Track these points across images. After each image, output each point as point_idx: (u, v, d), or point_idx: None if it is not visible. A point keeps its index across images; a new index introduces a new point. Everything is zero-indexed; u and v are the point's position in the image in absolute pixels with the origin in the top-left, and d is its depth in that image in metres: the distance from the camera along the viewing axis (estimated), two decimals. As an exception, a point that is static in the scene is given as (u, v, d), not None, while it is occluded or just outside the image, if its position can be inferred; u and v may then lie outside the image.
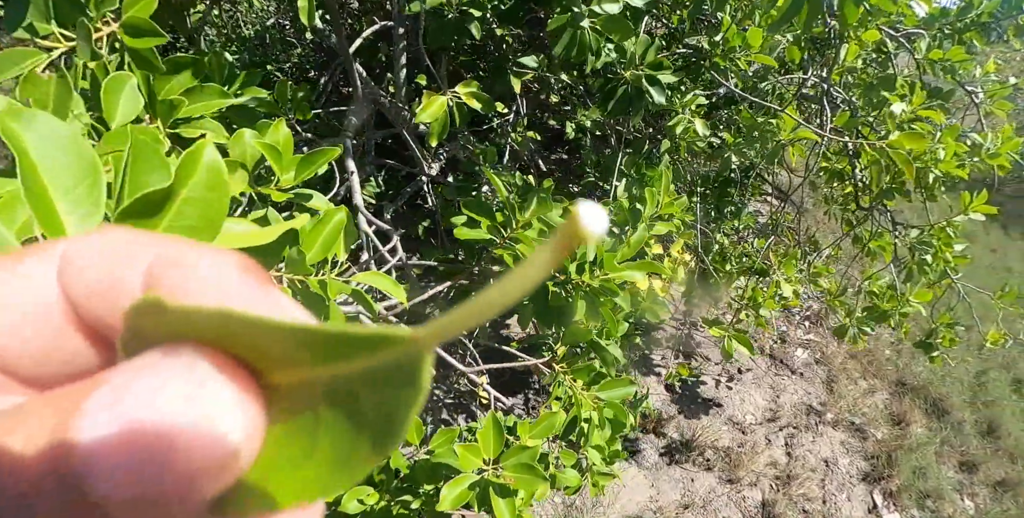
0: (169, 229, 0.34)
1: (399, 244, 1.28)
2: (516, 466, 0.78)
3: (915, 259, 2.11)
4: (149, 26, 0.74)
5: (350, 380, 0.11)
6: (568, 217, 0.09)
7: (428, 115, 1.32)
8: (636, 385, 1.09)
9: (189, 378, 0.11)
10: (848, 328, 2.07)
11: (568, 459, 1.30)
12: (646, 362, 2.83)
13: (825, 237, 3.00)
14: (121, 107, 0.71)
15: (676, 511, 2.23)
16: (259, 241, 0.47)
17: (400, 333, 0.10)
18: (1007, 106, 2.31)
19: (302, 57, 2.98)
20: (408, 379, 0.10)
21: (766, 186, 2.76)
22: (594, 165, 1.98)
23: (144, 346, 0.12)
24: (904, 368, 3.40)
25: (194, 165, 0.34)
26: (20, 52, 0.75)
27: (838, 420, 2.90)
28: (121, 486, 0.10)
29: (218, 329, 0.11)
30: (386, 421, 0.10)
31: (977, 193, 1.90)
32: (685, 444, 2.49)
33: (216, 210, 0.35)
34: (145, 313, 0.11)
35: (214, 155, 0.36)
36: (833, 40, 1.99)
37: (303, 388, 0.11)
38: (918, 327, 3.08)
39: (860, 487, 2.64)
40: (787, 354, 3.18)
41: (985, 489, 2.91)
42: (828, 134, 1.71)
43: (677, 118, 1.64)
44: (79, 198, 0.32)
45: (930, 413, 3.19)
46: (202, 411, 0.11)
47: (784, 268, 1.74)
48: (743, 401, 2.82)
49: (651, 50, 1.35)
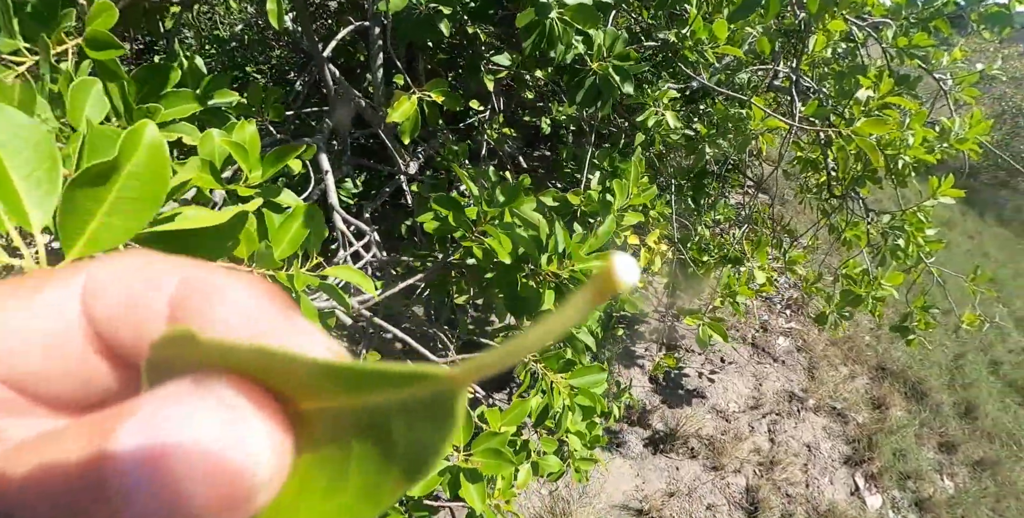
0: (116, 200, 0.36)
1: (374, 241, 1.29)
2: (485, 452, 0.79)
3: (888, 244, 2.15)
4: (109, 39, 0.77)
5: (382, 412, 0.11)
6: (603, 266, 0.09)
7: (399, 115, 1.33)
8: (607, 372, 1.11)
9: (219, 408, 0.11)
10: (828, 315, 2.10)
11: (549, 446, 1.32)
12: (629, 355, 2.86)
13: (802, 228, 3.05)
14: (88, 110, 0.73)
15: (662, 499, 2.26)
16: (211, 222, 0.48)
17: (436, 371, 0.10)
18: (975, 92, 2.35)
19: (280, 59, 2.97)
20: (442, 414, 0.10)
21: (743, 178, 2.80)
22: (570, 158, 2.00)
23: (170, 373, 0.12)
24: (884, 353, 3.47)
25: (137, 142, 0.37)
26: None
27: (820, 406, 2.95)
28: (148, 514, 0.10)
29: (249, 360, 0.11)
30: (418, 453, 0.10)
31: (945, 177, 1.95)
32: (669, 434, 2.52)
33: (158, 184, 0.38)
34: (175, 343, 0.11)
35: (155, 134, 0.39)
36: (803, 32, 2.03)
37: (334, 417, 0.11)
38: (896, 312, 3.14)
39: (842, 470, 2.69)
40: (769, 343, 3.23)
41: (964, 469, 2.98)
42: (797, 123, 1.74)
43: (648, 111, 1.67)
44: (39, 179, 0.35)
45: (909, 396, 3.25)
46: (231, 441, 0.11)
47: (757, 256, 1.77)
48: (726, 390, 2.86)
49: (619, 42, 1.37)
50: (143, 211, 0.37)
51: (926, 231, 2.20)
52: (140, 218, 0.37)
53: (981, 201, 6.63)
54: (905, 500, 2.68)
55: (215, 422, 0.11)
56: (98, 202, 0.35)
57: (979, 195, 6.67)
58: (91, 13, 0.75)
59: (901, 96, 1.90)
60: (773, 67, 2.17)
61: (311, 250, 0.91)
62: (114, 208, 0.36)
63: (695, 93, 2.36)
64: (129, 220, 0.36)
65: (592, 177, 1.55)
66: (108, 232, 0.36)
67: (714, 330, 1.57)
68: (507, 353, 0.09)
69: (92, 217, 0.35)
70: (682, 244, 2.02)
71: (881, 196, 3.88)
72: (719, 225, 2.79)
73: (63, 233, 0.35)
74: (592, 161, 1.65)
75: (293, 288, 0.78)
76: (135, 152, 0.37)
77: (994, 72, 2.33)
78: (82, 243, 0.35)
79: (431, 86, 1.35)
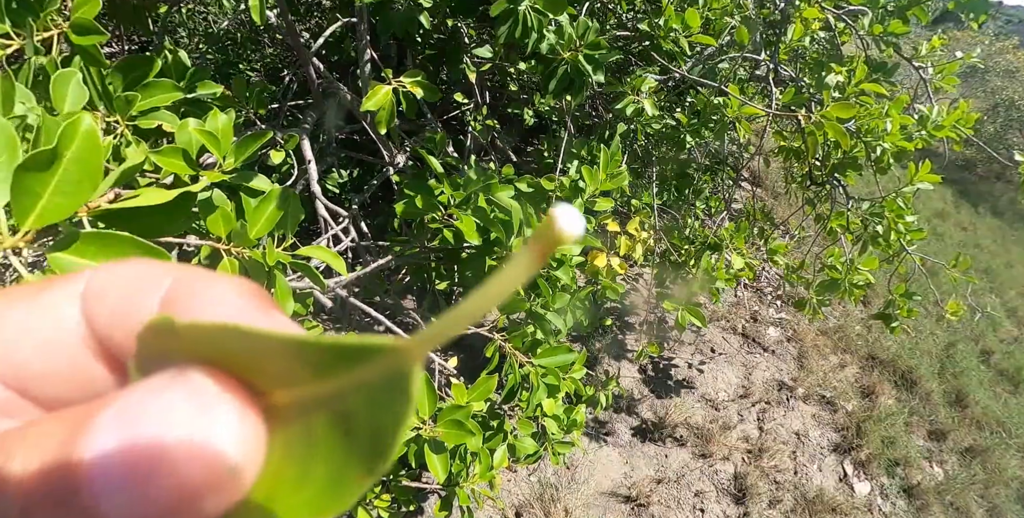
0: (60, 183, 0.43)
1: (351, 225, 1.32)
2: (447, 422, 0.82)
3: (868, 231, 2.17)
4: (93, 26, 0.81)
5: (345, 398, 0.11)
6: (545, 220, 0.09)
7: (373, 104, 1.36)
8: (578, 354, 1.14)
9: (195, 399, 0.11)
10: (807, 301, 2.13)
11: (525, 429, 1.35)
12: (619, 345, 2.89)
13: (795, 219, 3.07)
14: (69, 98, 0.78)
15: (650, 486, 2.29)
16: (159, 200, 0.52)
17: (387, 342, 0.10)
18: (955, 81, 2.37)
19: (273, 56, 3.00)
20: (398, 391, 0.10)
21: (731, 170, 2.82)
22: (552, 149, 2.03)
23: (154, 367, 0.12)
24: (874, 343, 3.49)
25: (74, 132, 0.42)
26: None
27: (809, 394, 2.98)
28: (122, 505, 0.10)
29: (222, 344, 0.11)
30: (378, 440, 0.10)
31: (922, 162, 1.97)
32: (658, 423, 2.55)
33: (93, 167, 0.44)
34: (156, 332, 0.12)
35: (90, 124, 0.45)
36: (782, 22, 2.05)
37: (302, 408, 0.11)
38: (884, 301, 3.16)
39: (831, 458, 2.71)
40: (759, 333, 3.25)
41: (954, 456, 3.00)
42: (774, 111, 1.76)
43: (626, 99, 1.69)
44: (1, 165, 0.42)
45: (899, 385, 3.28)
46: (206, 431, 0.11)
47: (735, 241, 1.79)
48: (716, 379, 2.89)
49: (590, 32, 1.39)
50: (83, 192, 0.42)
51: (906, 218, 2.22)
52: (80, 197, 0.42)
53: (976, 192, 6.63)
54: (894, 487, 2.71)
55: (189, 413, 0.11)
56: (44, 184, 0.41)
57: (974, 187, 6.68)
58: (76, 1, 0.79)
59: (878, 83, 1.92)
60: (751, 56, 2.19)
61: (288, 232, 0.95)
62: (58, 189, 0.41)
63: (679, 84, 2.39)
64: (71, 198, 0.42)
65: (571, 166, 1.58)
66: (54, 209, 0.41)
67: (692, 315, 1.60)
68: (457, 318, 0.09)
69: (39, 197, 0.41)
70: (665, 233, 2.05)
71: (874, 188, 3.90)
72: (711, 217, 2.82)
73: (16, 210, 0.41)
74: (570, 150, 1.68)
75: (265, 263, 0.82)
76: (73, 140, 0.42)
77: (973, 61, 2.34)
78: (32, 218, 0.41)
79: (407, 76, 1.38)
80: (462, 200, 1.06)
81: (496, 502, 1.23)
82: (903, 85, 2.62)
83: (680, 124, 2.09)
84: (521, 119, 2.53)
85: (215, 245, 0.86)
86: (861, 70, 1.86)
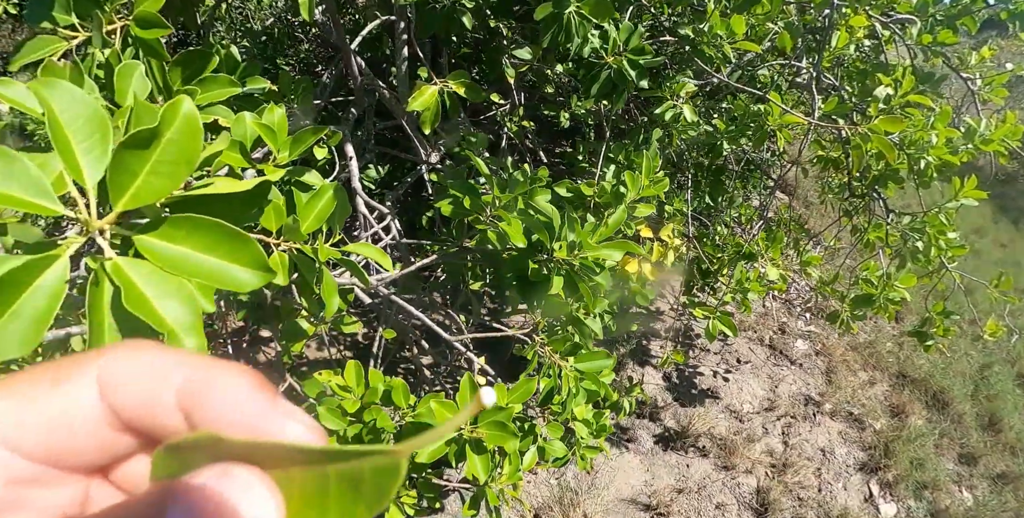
0: (157, 162, 0.42)
1: (392, 223, 1.33)
2: (490, 424, 0.82)
3: (908, 246, 2.12)
4: (156, 19, 0.83)
5: (357, 468, 0.15)
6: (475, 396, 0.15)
7: (419, 104, 1.37)
8: (612, 358, 1.13)
9: (248, 494, 0.15)
10: (841, 313, 2.09)
11: (555, 432, 1.35)
12: (644, 351, 2.86)
13: (829, 231, 3.01)
14: (131, 90, 0.80)
15: (671, 496, 2.26)
16: (237, 189, 0.53)
17: (383, 449, 0.15)
18: (1004, 93, 2.31)
19: (308, 52, 3.05)
20: (393, 472, 0.15)
21: (766, 178, 2.78)
22: (587, 153, 2.02)
23: (192, 460, 0.16)
24: (905, 360, 3.40)
25: (175, 113, 0.42)
26: (43, 40, 0.84)
27: (836, 410, 2.91)
28: None
29: (251, 452, 0.16)
30: (379, 490, 0.15)
31: (968, 178, 1.91)
32: (681, 431, 2.52)
33: (190, 150, 0.43)
34: (198, 442, 0.16)
35: (191, 107, 0.45)
36: (827, 29, 2.02)
37: (314, 477, 0.16)
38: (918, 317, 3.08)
39: (857, 477, 2.65)
40: (787, 345, 3.20)
41: (984, 482, 2.91)
42: (816, 120, 1.73)
43: (665, 104, 1.68)
44: (93, 145, 0.42)
45: (930, 405, 3.19)
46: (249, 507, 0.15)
47: (771, 251, 1.77)
48: (741, 390, 2.85)
49: (635, 36, 1.39)
50: (178, 173, 0.42)
51: (948, 234, 2.16)
52: (175, 179, 0.42)
53: (1016, 208, 6.42)
54: (920, 510, 2.63)
55: (246, 507, 0.15)
56: (142, 163, 0.41)
57: (1014, 202, 6.46)
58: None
59: (925, 95, 1.88)
60: (793, 63, 2.16)
61: (335, 227, 0.96)
62: (154, 169, 0.41)
63: (716, 90, 2.36)
64: (166, 180, 0.42)
65: (607, 170, 1.58)
66: (148, 189, 0.41)
67: (723, 324, 1.57)
68: (425, 440, 0.14)
69: (136, 176, 0.41)
70: (698, 240, 2.02)
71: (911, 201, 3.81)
72: (740, 225, 2.78)
73: (112, 188, 0.40)
74: (607, 154, 1.67)
75: (318, 260, 0.83)
76: (173, 121, 0.42)
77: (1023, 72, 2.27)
78: (127, 198, 0.41)
79: (453, 78, 1.39)
80: (507, 202, 1.07)
81: (523, 504, 1.23)
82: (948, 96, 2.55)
83: (717, 130, 2.06)
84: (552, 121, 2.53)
85: (264, 239, 0.87)
86: (909, 81, 1.82)
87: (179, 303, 0.42)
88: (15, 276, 0.37)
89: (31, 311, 0.37)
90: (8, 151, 0.38)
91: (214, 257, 0.44)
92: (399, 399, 1.02)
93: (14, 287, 0.37)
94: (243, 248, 0.44)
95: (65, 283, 0.39)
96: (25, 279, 0.37)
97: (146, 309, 0.40)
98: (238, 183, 0.56)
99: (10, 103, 0.69)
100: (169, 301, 0.41)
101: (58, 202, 0.39)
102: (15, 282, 0.37)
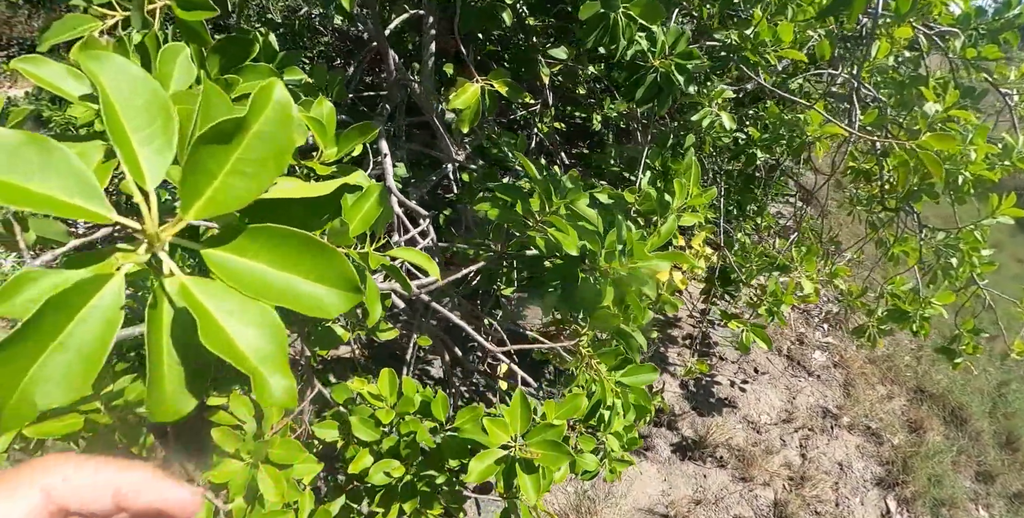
0: (239, 161, 0.33)
1: (430, 227, 1.30)
2: (542, 443, 0.79)
3: (940, 263, 2.08)
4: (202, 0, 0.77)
5: None
6: None
7: (461, 102, 1.33)
8: (656, 371, 1.10)
9: None
10: (868, 328, 2.05)
11: (587, 444, 1.31)
12: (661, 359, 2.83)
13: (848, 240, 2.97)
14: (176, 76, 0.71)
15: (688, 506, 2.23)
16: (313, 193, 0.47)
17: None
18: (1043, 110, 2.26)
19: (328, 45, 3.02)
20: None
21: (791, 184, 2.74)
22: (619, 157, 1.99)
23: None
24: (923, 375, 3.36)
25: (265, 102, 0.34)
26: (76, 18, 0.79)
27: (854, 424, 2.88)
28: None
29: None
30: None
31: (1006, 195, 1.87)
32: (699, 441, 2.49)
33: (281, 146, 0.34)
34: None
35: (283, 93, 0.34)
36: (864, 38, 1.98)
37: None
38: (940, 334, 3.04)
39: (874, 492, 2.61)
40: (804, 356, 3.16)
41: (1001, 500, 2.87)
42: (856, 132, 1.69)
43: (703, 111, 1.64)
44: (153, 134, 0.34)
45: (948, 421, 3.15)
46: None
47: (805, 265, 1.73)
48: (759, 401, 2.81)
49: (682, 40, 1.35)
50: (265, 173, 0.33)
51: (981, 251, 2.12)
52: (261, 181, 0.33)
53: (1032, 224, 6.36)
54: (938, 527, 2.60)
55: None
56: (221, 161, 0.33)
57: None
58: (185, -26, 0.75)
59: (966, 109, 1.84)
60: (830, 72, 2.12)
61: (378, 230, 0.92)
62: (236, 168, 0.33)
63: (746, 96, 2.32)
64: (250, 182, 0.33)
65: (643, 177, 1.54)
66: (228, 194, 0.33)
67: (757, 335, 1.54)
68: None
69: (214, 177, 0.33)
70: (728, 249, 1.99)
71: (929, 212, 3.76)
72: (759, 232, 2.74)
73: (183, 191, 0.33)
74: (644, 161, 1.63)
75: (368, 267, 0.79)
76: (263, 110, 0.33)
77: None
78: (201, 203, 0.33)
79: (494, 76, 1.35)
80: (557, 208, 1.03)
81: (552, 516, 1.20)
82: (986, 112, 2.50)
83: (751, 138, 2.02)
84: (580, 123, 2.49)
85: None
86: (952, 95, 1.78)
87: (261, 332, 0.33)
88: (63, 299, 0.29)
89: (78, 344, 0.29)
90: (44, 139, 0.30)
91: (296, 275, 0.34)
92: (438, 412, 0.99)
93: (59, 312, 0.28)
94: (329, 264, 0.35)
95: (121, 309, 0.31)
96: (75, 302, 0.29)
97: (222, 342, 0.32)
98: (313, 186, 0.50)
99: (43, 84, 0.62)
100: (249, 330, 0.33)
101: (109, 206, 0.31)
102: (61, 305, 0.29)
